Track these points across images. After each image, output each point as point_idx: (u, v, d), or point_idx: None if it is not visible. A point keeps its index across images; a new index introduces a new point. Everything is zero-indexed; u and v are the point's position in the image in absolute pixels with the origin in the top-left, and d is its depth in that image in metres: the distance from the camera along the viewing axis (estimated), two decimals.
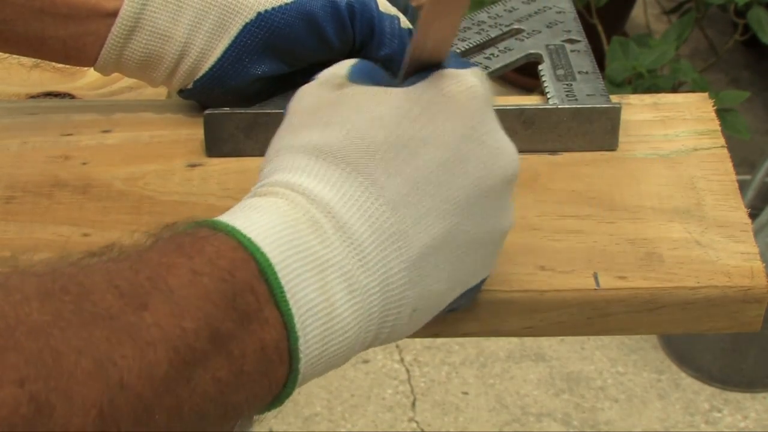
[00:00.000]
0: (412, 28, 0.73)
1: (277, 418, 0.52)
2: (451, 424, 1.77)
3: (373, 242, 0.51)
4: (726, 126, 1.64)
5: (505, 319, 0.63)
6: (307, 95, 0.55)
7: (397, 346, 1.90)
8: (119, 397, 0.41)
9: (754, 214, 1.69)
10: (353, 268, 0.50)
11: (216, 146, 0.72)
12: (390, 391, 1.83)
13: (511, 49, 0.76)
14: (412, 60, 0.55)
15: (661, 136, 0.73)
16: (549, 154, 0.72)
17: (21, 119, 0.75)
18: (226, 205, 0.52)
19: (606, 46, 1.97)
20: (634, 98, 0.76)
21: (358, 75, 0.55)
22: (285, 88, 0.72)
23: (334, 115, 0.53)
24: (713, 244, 0.65)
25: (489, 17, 0.78)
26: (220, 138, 0.71)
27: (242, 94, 0.72)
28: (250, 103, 0.72)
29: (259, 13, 0.69)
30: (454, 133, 0.53)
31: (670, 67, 1.87)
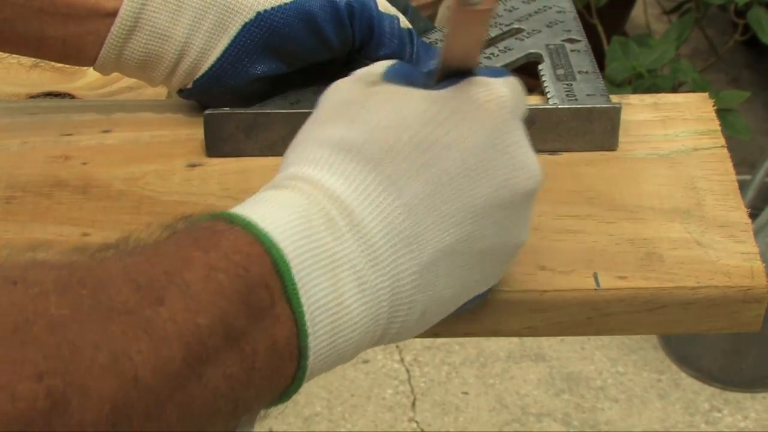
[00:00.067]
0: (411, 28, 0.73)
1: (277, 418, 0.52)
2: (451, 424, 1.77)
3: (386, 243, 0.51)
4: (726, 126, 1.64)
5: (505, 319, 0.63)
6: (339, 90, 0.55)
7: (397, 346, 1.90)
8: (133, 392, 0.42)
9: (754, 214, 1.69)
10: (365, 266, 0.50)
11: (216, 146, 0.72)
12: (390, 391, 1.83)
13: (511, 49, 0.76)
14: (443, 66, 0.55)
15: (661, 136, 0.73)
16: (549, 154, 0.72)
17: (21, 119, 0.75)
18: (226, 205, 0.52)
19: (606, 46, 1.97)
20: (634, 98, 0.76)
21: (393, 75, 0.55)
22: (284, 88, 0.72)
23: (361, 111, 0.53)
24: (713, 244, 0.65)
25: None
26: (220, 138, 0.71)
27: (242, 94, 0.72)
28: (250, 103, 0.72)
29: (259, 13, 0.69)
30: (478, 140, 0.53)
31: (670, 67, 1.87)
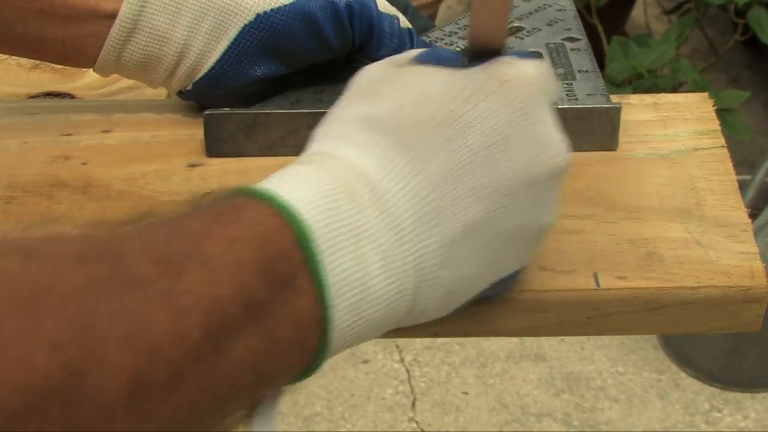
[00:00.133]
0: (411, 27, 0.73)
1: (277, 418, 0.52)
2: (451, 424, 1.77)
3: (411, 217, 0.50)
4: (726, 126, 1.64)
5: (505, 319, 0.63)
6: (369, 71, 0.56)
7: (397, 346, 1.90)
8: (152, 363, 0.41)
9: (754, 214, 1.69)
10: (389, 241, 0.50)
11: (216, 146, 0.72)
12: (390, 391, 1.83)
13: (510, 48, 0.76)
14: (470, 48, 0.56)
15: (661, 136, 0.73)
16: None
17: (21, 119, 0.75)
18: None
19: (606, 46, 1.97)
20: (634, 98, 0.76)
21: (425, 58, 0.55)
22: (284, 89, 0.72)
23: (388, 88, 0.54)
24: (713, 244, 0.65)
25: None
26: (219, 138, 0.71)
27: (241, 95, 0.72)
28: (250, 104, 0.72)
29: (258, 15, 0.69)
30: (502, 117, 0.53)
31: (670, 67, 1.87)
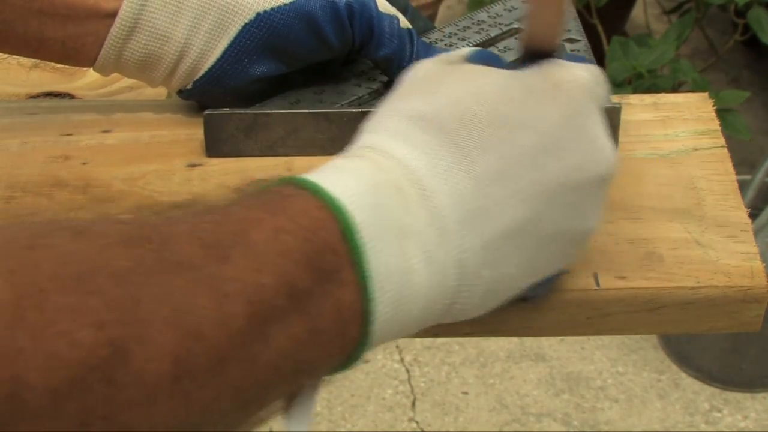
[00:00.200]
0: (411, 28, 0.73)
1: (277, 418, 0.52)
2: (451, 424, 1.77)
3: (455, 215, 0.51)
4: (726, 126, 1.64)
5: (505, 319, 0.63)
6: (421, 68, 0.56)
7: (397, 346, 1.90)
8: (195, 347, 0.42)
9: (754, 214, 1.69)
10: (432, 238, 0.50)
11: (216, 146, 0.72)
12: (390, 391, 1.83)
13: (510, 49, 0.76)
14: (524, 50, 0.56)
15: (661, 136, 0.73)
16: None
17: (21, 119, 0.75)
18: None
19: (606, 46, 1.97)
20: (634, 98, 0.76)
21: (477, 57, 0.56)
22: (284, 89, 0.72)
23: (438, 85, 0.54)
24: (713, 244, 0.65)
25: (489, 17, 0.78)
26: (219, 138, 0.71)
27: (241, 95, 0.72)
28: (250, 104, 0.72)
29: (258, 14, 0.69)
30: (553, 120, 0.53)
31: (670, 67, 1.87)
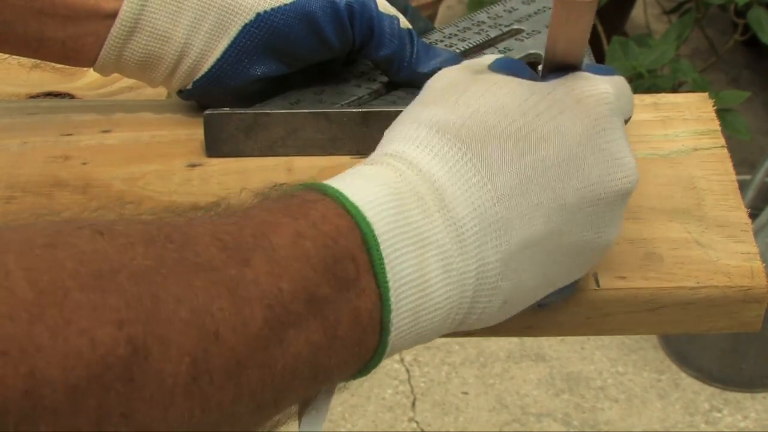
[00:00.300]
0: (411, 28, 0.73)
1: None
2: (451, 424, 1.77)
3: (475, 226, 0.51)
4: (726, 126, 1.64)
5: (505, 319, 0.63)
6: (445, 75, 0.56)
7: None
8: (213, 349, 0.42)
9: (754, 214, 1.69)
10: (451, 248, 0.50)
11: (216, 146, 0.72)
12: (390, 391, 1.83)
13: (510, 50, 0.76)
14: (547, 61, 0.56)
15: (661, 136, 0.73)
16: None
17: (21, 119, 0.75)
18: None
19: (606, 46, 1.97)
20: (635, 98, 0.76)
21: (501, 66, 0.56)
22: (284, 89, 0.72)
23: (463, 95, 0.54)
24: (713, 244, 0.65)
25: (489, 17, 0.78)
26: (219, 138, 0.71)
27: (241, 95, 0.72)
28: (250, 104, 0.72)
29: (259, 14, 0.69)
30: (576, 134, 0.53)
31: (670, 67, 1.87)
